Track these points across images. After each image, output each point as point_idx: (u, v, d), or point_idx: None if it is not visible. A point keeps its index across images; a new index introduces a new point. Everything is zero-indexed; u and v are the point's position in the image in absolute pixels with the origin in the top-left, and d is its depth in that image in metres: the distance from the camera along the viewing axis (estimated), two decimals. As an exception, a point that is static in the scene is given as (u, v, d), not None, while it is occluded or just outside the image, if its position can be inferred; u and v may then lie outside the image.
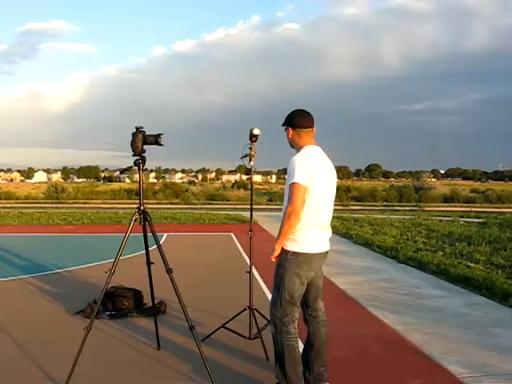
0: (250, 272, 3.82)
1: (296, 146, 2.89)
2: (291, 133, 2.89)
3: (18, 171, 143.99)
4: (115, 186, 50.44)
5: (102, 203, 26.22)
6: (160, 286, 3.68)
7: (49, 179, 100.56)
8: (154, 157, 3.84)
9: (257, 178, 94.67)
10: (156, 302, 3.80)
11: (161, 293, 4.13)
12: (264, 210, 20.02)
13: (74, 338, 3.48)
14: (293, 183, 2.67)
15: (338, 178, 3.11)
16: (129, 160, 3.19)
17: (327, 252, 2.92)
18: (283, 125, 2.95)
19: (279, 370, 2.81)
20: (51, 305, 4.87)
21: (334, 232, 13.18)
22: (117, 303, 4.53)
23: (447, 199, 30.05)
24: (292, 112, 2.93)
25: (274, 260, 2.82)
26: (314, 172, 2.70)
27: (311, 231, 2.77)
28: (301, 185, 2.65)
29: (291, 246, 2.76)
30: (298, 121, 2.88)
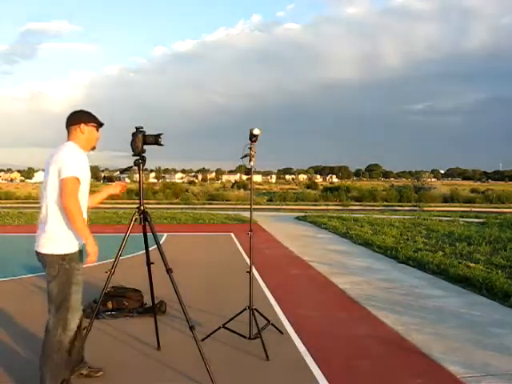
0: (249, 272, 3.82)
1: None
2: (87, 129, 2.88)
3: (18, 171, 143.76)
4: (115, 186, 50.30)
5: (101, 203, 26.15)
6: (160, 286, 3.68)
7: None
8: (154, 157, 3.84)
9: (257, 178, 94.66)
10: (156, 301, 3.79)
11: (161, 293, 4.12)
12: (264, 209, 20.02)
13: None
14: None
15: (338, 177, 3.11)
16: (129, 160, 3.19)
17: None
18: (73, 124, 2.86)
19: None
20: (51, 305, 4.86)
21: (334, 232, 13.00)
22: (117, 303, 4.53)
23: (447, 199, 29.96)
24: (77, 112, 2.90)
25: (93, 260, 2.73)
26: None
27: (68, 227, 2.74)
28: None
29: (59, 249, 2.69)
30: (87, 116, 2.90)
